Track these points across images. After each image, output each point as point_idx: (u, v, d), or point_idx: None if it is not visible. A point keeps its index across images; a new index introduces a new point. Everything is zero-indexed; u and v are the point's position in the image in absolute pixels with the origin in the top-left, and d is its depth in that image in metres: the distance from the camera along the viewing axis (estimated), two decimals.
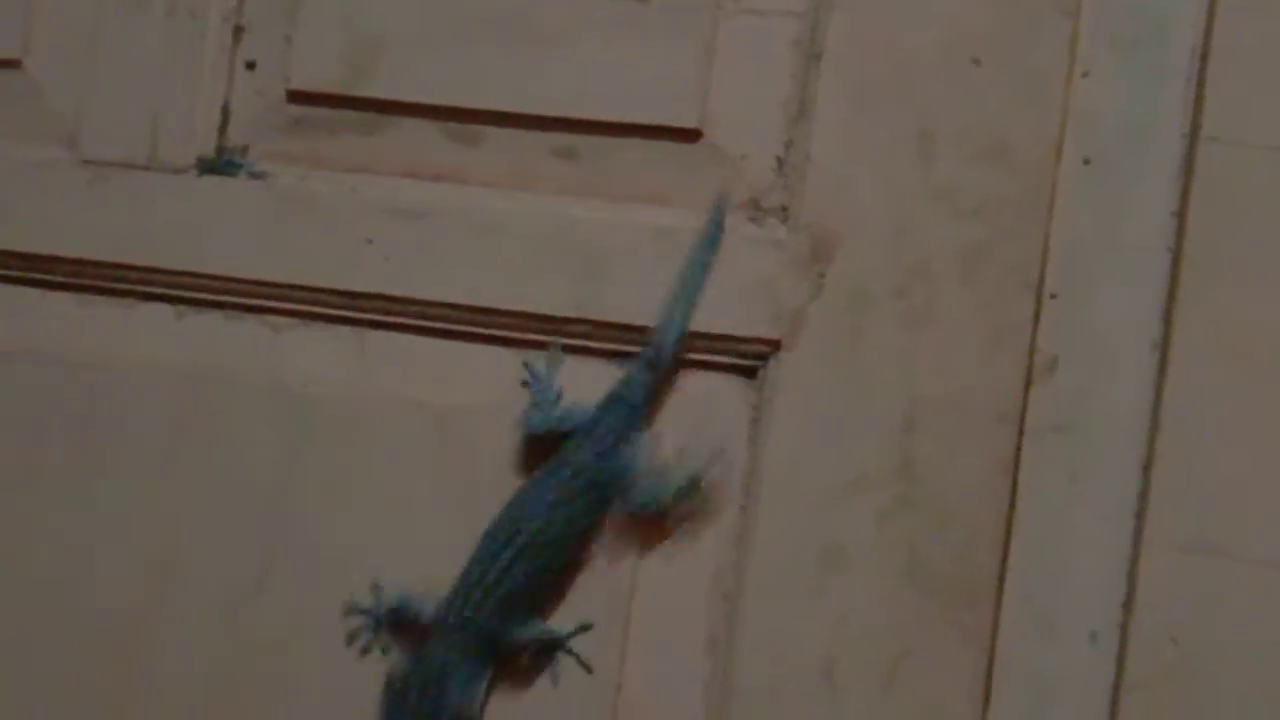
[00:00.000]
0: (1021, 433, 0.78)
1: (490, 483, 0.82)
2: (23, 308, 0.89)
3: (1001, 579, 0.77)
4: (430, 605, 0.80)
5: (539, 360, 0.83)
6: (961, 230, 0.79)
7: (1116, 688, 0.76)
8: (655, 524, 0.81)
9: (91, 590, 0.86)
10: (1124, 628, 0.76)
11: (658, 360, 0.81)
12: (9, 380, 0.88)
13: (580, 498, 0.80)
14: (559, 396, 0.82)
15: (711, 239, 0.81)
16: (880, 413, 0.79)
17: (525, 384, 0.83)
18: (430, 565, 0.82)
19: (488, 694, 0.80)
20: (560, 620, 0.81)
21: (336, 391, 0.85)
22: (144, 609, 0.85)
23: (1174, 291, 0.77)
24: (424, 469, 0.84)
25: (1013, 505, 0.78)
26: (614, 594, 0.81)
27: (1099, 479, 0.77)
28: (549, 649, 0.81)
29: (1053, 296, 0.78)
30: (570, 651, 0.80)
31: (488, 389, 0.84)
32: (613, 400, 0.81)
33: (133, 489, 0.86)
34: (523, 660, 0.80)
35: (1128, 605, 0.76)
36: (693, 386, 0.83)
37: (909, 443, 0.79)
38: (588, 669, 0.80)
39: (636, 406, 0.81)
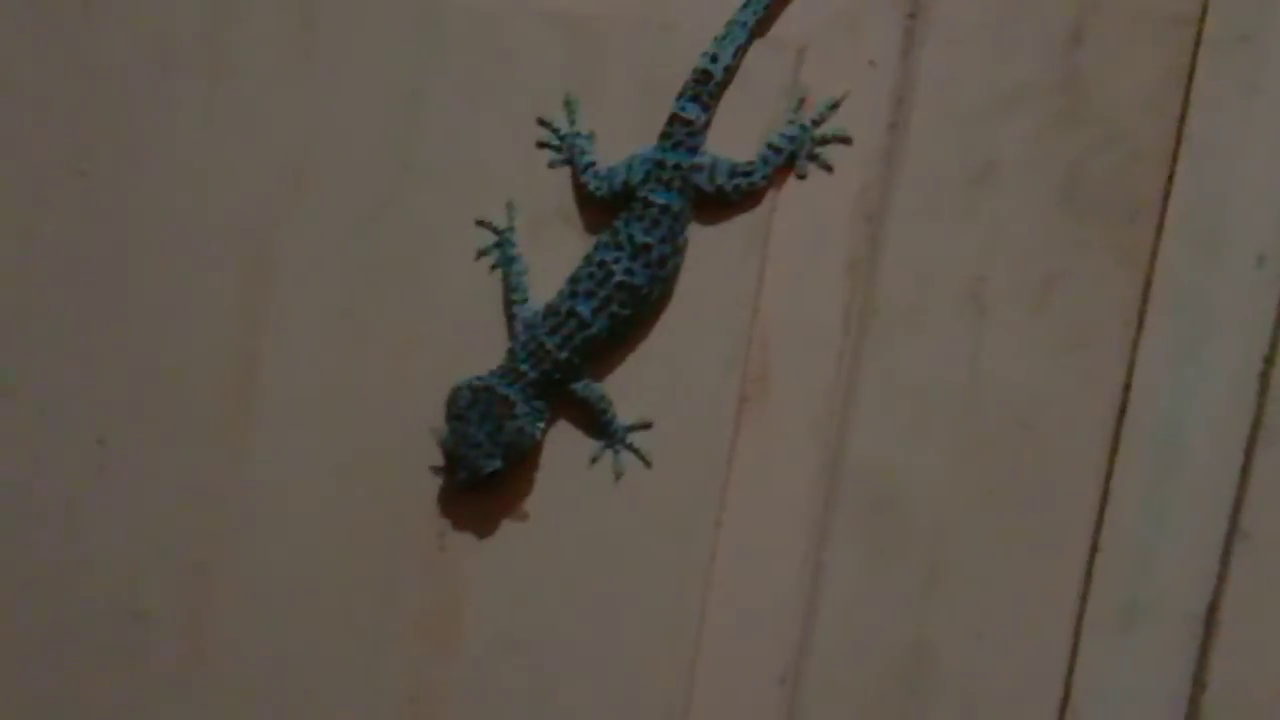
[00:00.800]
0: (1199, 41, 0.73)
1: (623, 97, 0.79)
2: None
3: (1166, 197, 0.73)
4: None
5: (556, 119, 0.80)
6: None
7: None
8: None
9: (225, 200, 0.84)
10: None
11: (714, 69, 0.77)
12: None
13: (667, 241, 0.77)
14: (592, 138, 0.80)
15: None
16: (1046, 20, 0.74)
17: (549, 145, 0.80)
18: (560, 177, 0.80)
19: (548, 427, 0.80)
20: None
21: None
22: (276, 220, 0.84)
23: None
24: (556, 80, 0.81)
25: (1183, 118, 0.73)
26: (754, 210, 0.78)
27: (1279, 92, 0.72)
28: (606, 435, 0.79)
29: None
30: (629, 447, 0.79)
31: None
32: (672, 126, 0.77)
33: (264, 96, 0.84)
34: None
35: None
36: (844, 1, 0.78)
37: (1075, 52, 0.74)
38: (647, 463, 0.79)
39: (696, 123, 0.77)
